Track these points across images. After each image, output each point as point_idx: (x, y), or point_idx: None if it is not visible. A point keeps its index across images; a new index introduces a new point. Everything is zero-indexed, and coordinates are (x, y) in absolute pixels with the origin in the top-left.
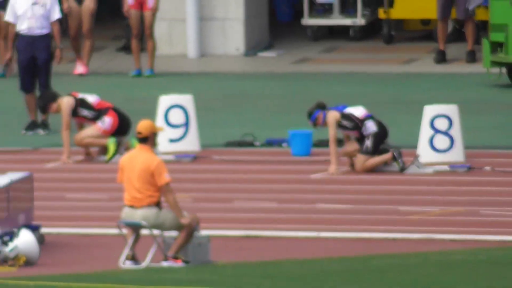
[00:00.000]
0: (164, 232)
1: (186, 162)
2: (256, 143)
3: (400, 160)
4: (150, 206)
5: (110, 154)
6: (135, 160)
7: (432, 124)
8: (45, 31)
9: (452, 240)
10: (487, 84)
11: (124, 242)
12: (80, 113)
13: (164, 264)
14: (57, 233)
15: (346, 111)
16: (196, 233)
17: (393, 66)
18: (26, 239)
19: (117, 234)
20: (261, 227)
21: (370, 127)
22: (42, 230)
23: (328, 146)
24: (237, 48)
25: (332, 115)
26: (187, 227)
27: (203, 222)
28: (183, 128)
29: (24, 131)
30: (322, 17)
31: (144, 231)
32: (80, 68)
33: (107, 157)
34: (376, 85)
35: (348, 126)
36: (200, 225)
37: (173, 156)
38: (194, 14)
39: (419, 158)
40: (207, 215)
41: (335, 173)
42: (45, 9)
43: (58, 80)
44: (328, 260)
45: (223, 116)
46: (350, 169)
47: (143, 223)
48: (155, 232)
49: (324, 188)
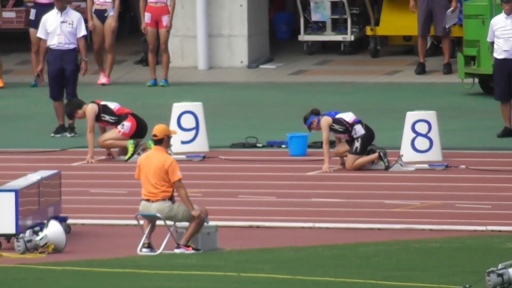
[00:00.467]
0: (176, 223)
1: (196, 161)
2: (258, 145)
3: (386, 160)
4: (164, 200)
5: (129, 154)
6: (151, 159)
7: (413, 128)
8: (72, 46)
9: (430, 229)
10: (462, 92)
11: (141, 231)
12: (102, 118)
13: (176, 251)
14: (82, 224)
15: (337, 116)
16: (205, 224)
17: (378, 77)
18: (54, 229)
19: (135, 225)
20: (263, 219)
21: (359, 130)
22: (69, 221)
23: (321, 147)
24: (241, 61)
25: (325, 120)
26: (197, 218)
27: (211, 214)
28: (194, 131)
29: (53, 134)
30: (316, 34)
31: (159, 222)
32: (102, 79)
33: (126, 157)
34: (364, 94)
35: (339, 129)
36: (208, 217)
37: (184, 156)
38: (203, 31)
39: (402, 158)
40: (215, 207)
41: (328, 171)
42: (72, 27)
43: (84, 89)
44: (321, 247)
45: (229, 121)
46: (341, 167)
47: (158, 215)
48: (168, 223)
49: (318, 184)
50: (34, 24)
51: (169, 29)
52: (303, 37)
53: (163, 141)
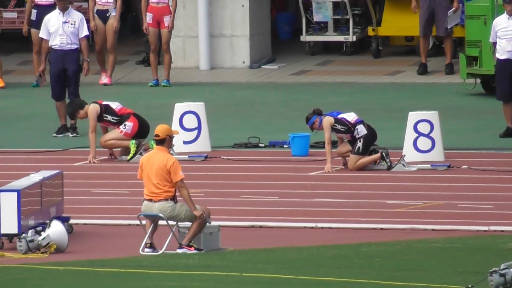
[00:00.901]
0: (178, 223)
1: (198, 161)
2: (261, 145)
3: (388, 160)
4: (166, 200)
5: (131, 154)
6: (153, 159)
7: (415, 128)
8: (74, 46)
9: (433, 230)
10: (464, 93)
11: (143, 231)
12: (104, 118)
13: (179, 251)
14: (84, 224)
15: (339, 116)
16: (208, 224)
17: (380, 78)
18: (56, 229)
19: (137, 225)
20: (265, 219)
21: (361, 130)
22: (71, 221)
23: (324, 147)
24: (243, 62)
25: (327, 120)
26: (199, 218)
27: (214, 214)
28: (196, 131)
29: (55, 134)
30: (318, 34)
31: (161, 222)
32: (104, 79)
33: (129, 157)
34: (366, 94)
35: (342, 129)
36: (210, 217)
37: (187, 156)
38: (205, 31)
39: (404, 158)
40: (217, 207)
41: (330, 171)
42: (74, 27)
43: (86, 89)
44: (323, 247)
45: (231, 121)
46: (343, 167)
47: (160, 215)
48: (171, 222)
49: (321, 184)
50: (36, 24)
51: (171, 29)
52: (305, 38)
53: (165, 141)
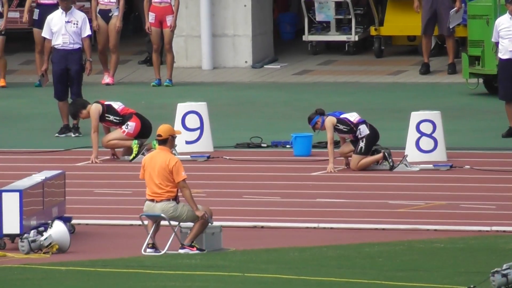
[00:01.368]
0: (181, 223)
1: (201, 161)
2: (263, 145)
3: (390, 160)
4: (168, 200)
5: (133, 154)
6: (155, 159)
7: (418, 128)
8: (77, 46)
9: (435, 230)
10: (466, 92)
11: (146, 232)
12: (107, 118)
13: (181, 251)
14: (86, 224)
15: (342, 116)
16: (210, 224)
17: (383, 77)
18: (58, 229)
19: (139, 225)
20: (267, 219)
21: (364, 130)
22: (73, 221)
23: (326, 147)
24: (246, 61)
25: (330, 120)
26: (201, 218)
27: (216, 214)
28: (198, 131)
29: (58, 134)
30: (320, 34)
31: (163, 222)
32: (107, 79)
33: (131, 157)
34: (368, 94)
35: (344, 129)
36: (213, 217)
37: (189, 156)
38: (207, 31)
39: (407, 158)
40: (219, 208)
41: (332, 171)
42: (77, 26)
43: (88, 89)
44: (325, 247)
45: (233, 121)
46: (345, 167)
47: (162, 215)
48: (173, 223)
49: (323, 184)
50: (38, 24)
51: (173, 29)
52: (307, 37)
53: (168, 141)
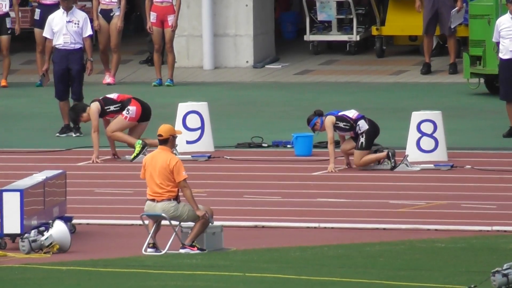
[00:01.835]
0: (181, 223)
1: (202, 161)
2: (264, 145)
3: (393, 160)
4: (169, 199)
5: (134, 154)
6: (156, 159)
7: (418, 128)
8: (78, 46)
9: (436, 230)
10: (467, 92)
11: (146, 231)
12: (107, 110)
13: (181, 251)
14: (87, 224)
15: (340, 114)
16: (210, 224)
17: (384, 77)
18: (59, 229)
19: (140, 225)
20: (268, 219)
21: (363, 126)
22: (74, 221)
23: (327, 147)
24: (247, 61)
25: (329, 119)
26: (202, 218)
27: (217, 214)
28: (199, 131)
29: (58, 134)
30: (322, 33)
31: (164, 222)
32: (108, 79)
33: (132, 157)
34: (369, 94)
35: (344, 127)
36: (213, 217)
37: (190, 156)
38: (209, 31)
39: (408, 158)
40: (220, 207)
41: (333, 171)
42: (78, 26)
43: (89, 88)
44: (326, 247)
45: (234, 120)
46: (346, 167)
47: (163, 214)
48: (173, 222)
49: (324, 184)
50: (39, 24)
51: (174, 28)
52: (309, 37)
53: (168, 141)
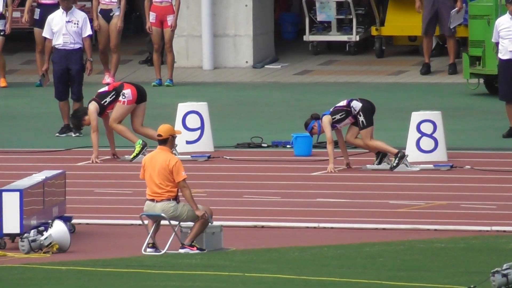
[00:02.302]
0: (181, 223)
1: (201, 161)
2: (263, 145)
3: (396, 161)
4: (169, 199)
5: (134, 154)
6: (155, 159)
7: (418, 128)
8: (77, 46)
9: (435, 230)
10: (467, 93)
11: (146, 231)
12: (105, 103)
13: (181, 251)
14: (87, 224)
15: (332, 109)
16: (210, 224)
17: (384, 77)
18: (59, 228)
19: (139, 225)
20: (268, 219)
21: (357, 105)
22: (73, 221)
23: (326, 147)
24: (247, 61)
25: (326, 119)
26: (201, 218)
27: (216, 214)
28: (199, 131)
29: (58, 134)
30: (321, 34)
31: (163, 222)
32: (108, 79)
33: (131, 157)
34: (369, 94)
35: (341, 117)
36: (213, 217)
37: (189, 156)
38: (208, 31)
39: (407, 158)
40: (219, 207)
41: (333, 171)
42: (77, 26)
43: (89, 89)
44: (326, 247)
45: (234, 121)
46: (346, 167)
47: (162, 214)
48: (173, 222)
49: (323, 184)
50: (39, 23)
51: (174, 29)
52: (309, 37)
53: (168, 141)
